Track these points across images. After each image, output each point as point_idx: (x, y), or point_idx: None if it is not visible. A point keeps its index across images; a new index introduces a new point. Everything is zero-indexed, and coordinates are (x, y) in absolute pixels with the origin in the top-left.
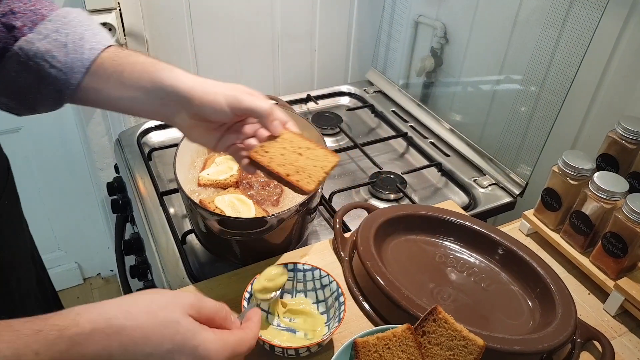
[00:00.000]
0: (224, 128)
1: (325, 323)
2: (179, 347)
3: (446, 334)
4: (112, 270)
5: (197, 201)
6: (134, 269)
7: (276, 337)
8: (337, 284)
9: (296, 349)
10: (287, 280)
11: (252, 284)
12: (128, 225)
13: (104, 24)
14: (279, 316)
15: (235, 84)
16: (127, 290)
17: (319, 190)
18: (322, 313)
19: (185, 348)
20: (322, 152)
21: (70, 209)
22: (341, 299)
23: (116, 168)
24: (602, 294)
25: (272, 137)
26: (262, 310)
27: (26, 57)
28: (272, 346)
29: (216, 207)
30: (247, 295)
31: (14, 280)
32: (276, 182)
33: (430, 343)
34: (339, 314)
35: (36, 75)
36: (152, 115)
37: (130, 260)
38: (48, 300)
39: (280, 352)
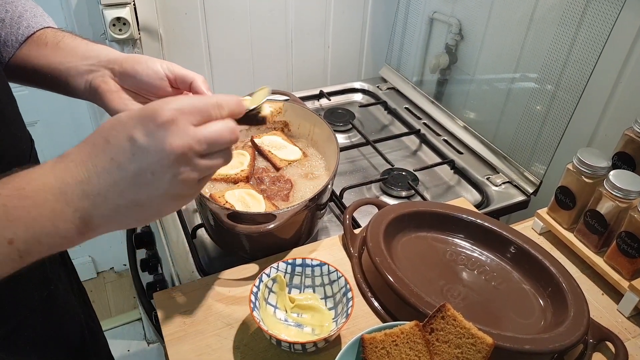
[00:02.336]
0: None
1: (333, 319)
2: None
3: (455, 332)
4: (125, 265)
5: (207, 195)
6: (145, 263)
7: (283, 332)
8: (346, 279)
9: (303, 344)
10: (296, 275)
11: (260, 279)
12: None
13: (118, 19)
14: (286, 311)
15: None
16: (138, 284)
17: (329, 187)
18: (330, 309)
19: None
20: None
21: None
22: (349, 294)
23: None
24: (616, 294)
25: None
26: (270, 305)
27: None
28: (279, 341)
29: (226, 202)
30: (255, 289)
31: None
32: (287, 177)
33: (438, 340)
34: (347, 309)
35: None
36: (78, 85)
37: (141, 254)
38: (71, 282)
39: (287, 347)
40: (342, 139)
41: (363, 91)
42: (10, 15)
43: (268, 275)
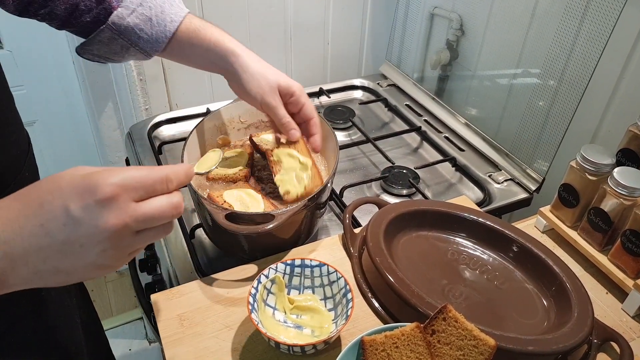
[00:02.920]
0: None
1: (333, 320)
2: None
3: (456, 333)
4: (126, 264)
5: (205, 195)
6: (143, 263)
7: (282, 333)
8: (345, 280)
9: (302, 347)
10: (295, 276)
11: (258, 280)
12: None
13: None
14: (285, 312)
15: (280, 73)
16: (137, 284)
17: (329, 185)
18: (329, 310)
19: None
20: None
21: None
22: (349, 295)
23: (127, 162)
24: (620, 293)
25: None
26: (269, 306)
27: (118, 31)
28: (277, 343)
29: (224, 202)
30: (253, 291)
31: None
32: None
33: (439, 342)
34: (347, 311)
35: (126, 44)
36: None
37: (140, 254)
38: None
39: (286, 350)
40: (342, 136)
41: (363, 88)
42: (155, 12)
43: (266, 277)
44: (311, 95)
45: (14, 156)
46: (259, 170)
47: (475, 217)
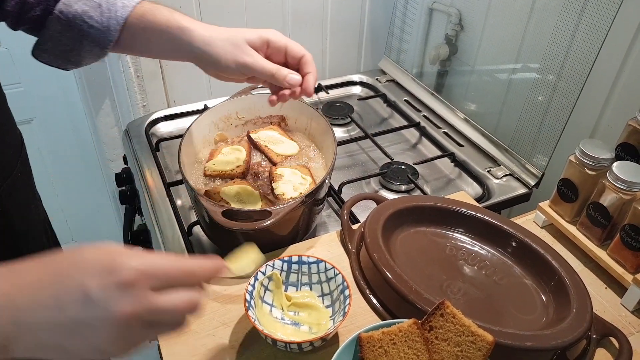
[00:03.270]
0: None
1: (331, 317)
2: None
3: (454, 329)
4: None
5: (202, 192)
6: None
7: (280, 330)
8: (343, 276)
9: (299, 344)
10: (292, 273)
11: (255, 277)
12: (137, 216)
13: None
14: (283, 309)
15: (245, 29)
16: None
17: (326, 181)
18: (327, 306)
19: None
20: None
21: (83, 201)
22: (347, 292)
23: (124, 159)
24: (620, 288)
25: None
26: (266, 303)
27: (66, 20)
28: (274, 340)
29: (221, 199)
30: (250, 288)
31: (27, 253)
32: None
33: (437, 338)
34: (344, 307)
35: (77, 35)
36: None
37: None
38: None
39: (283, 347)
40: (340, 132)
41: (362, 84)
42: None
43: (263, 274)
44: None
45: (7, 156)
46: (256, 166)
47: (474, 213)
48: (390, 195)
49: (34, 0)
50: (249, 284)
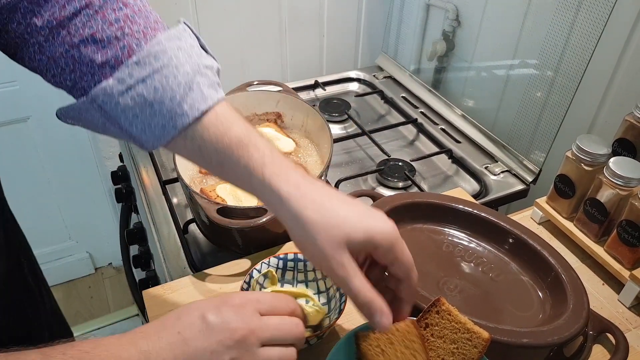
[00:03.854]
0: None
1: (326, 314)
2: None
3: (450, 327)
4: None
5: (198, 190)
6: (137, 259)
7: None
8: None
9: None
10: (288, 270)
11: (250, 274)
12: (134, 214)
13: None
14: None
15: (361, 217)
16: (131, 280)
17: (323, 178)
18: (323, 304)
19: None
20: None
21: (80, 199)
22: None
23: (120, 157)
24: (617, 284)
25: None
26: None
27: (100, 109)
28: None
29: (217, 196)
30: (245, 286)
31: None
32: None
33: (433, 336)
34: (340, 305)
35: (111, 124)
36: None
37: (135, 249)
38: (39, 314)
39: None
40: (337, 129)
41: (359, 80)
42: (160, 97)
43: (259, 271)
44: (307, 87)
45: None
46: None
47: (471, 209)
48: (387, 192)
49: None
50: (245, 281)
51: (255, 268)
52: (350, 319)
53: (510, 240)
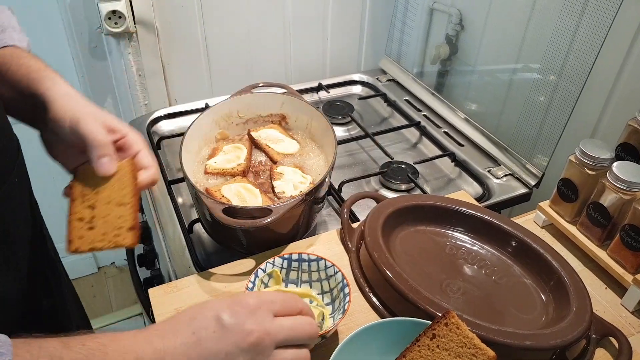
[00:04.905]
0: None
1: (330, 314)
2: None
3: (457, 340)
4: (125, 259)
5: (203, 190)
6: (142, 258)
7: None
8: (343, 274)
9: None
10: (292, 270)
11: (255, 274)
12: (139, 214)
13: (114, 12)
14: None
15: (104, 111)
16: (136, 279)
17: (327, 180)
18: (327, 304)
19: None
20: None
21: None
22: (346, 290)
23: None
24: (620, 288)
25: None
26: None
27: None
28: None
29: (222, 196)
30: (250, 285)
31: (22, 260)
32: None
33: (439, 347)
34: (344, 305)
35: None
36: (27, 120)
37: (140, 248)
38: (61, 286)
39: None
40: (341, 131)
41: (362, 83)
42: None
43: (264, 271)
44: (310, 90)
45: (2, 162)
46: (256, 165)
47: (474, 212)
48: (390, 195)
49: None
50: (250, 281)
51: (260, 267)
52: (354, 319)
53: (514, 243)
